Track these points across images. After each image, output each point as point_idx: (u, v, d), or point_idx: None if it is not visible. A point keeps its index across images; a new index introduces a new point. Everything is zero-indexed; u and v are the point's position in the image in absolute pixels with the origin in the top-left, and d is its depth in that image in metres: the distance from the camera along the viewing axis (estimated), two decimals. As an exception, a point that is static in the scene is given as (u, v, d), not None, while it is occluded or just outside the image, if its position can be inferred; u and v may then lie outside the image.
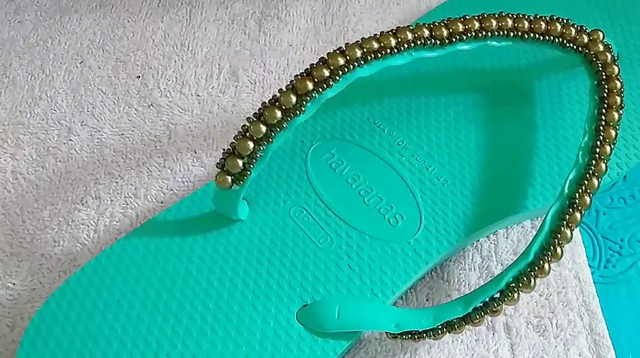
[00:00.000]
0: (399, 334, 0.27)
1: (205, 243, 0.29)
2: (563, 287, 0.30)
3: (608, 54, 0.29)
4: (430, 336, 0.27)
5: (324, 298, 0.28)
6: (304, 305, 0.28)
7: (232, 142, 0.26)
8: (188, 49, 0.40)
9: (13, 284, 0.31)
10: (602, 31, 0.29)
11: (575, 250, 0.31)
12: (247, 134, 0.26)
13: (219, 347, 0.26)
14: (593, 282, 0.31)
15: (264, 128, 0.25)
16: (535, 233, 0.28)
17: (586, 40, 0.29)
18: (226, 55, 0.39)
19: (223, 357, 0.26)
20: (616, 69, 0.29)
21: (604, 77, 0.29)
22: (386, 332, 0.27)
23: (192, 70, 0.39)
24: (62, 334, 0.27)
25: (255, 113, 0.26)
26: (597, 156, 0.28)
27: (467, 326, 0.27)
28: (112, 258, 0.29)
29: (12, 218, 0.33)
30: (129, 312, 0.27)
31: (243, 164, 0.26)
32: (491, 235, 0.32)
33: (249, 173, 0.26)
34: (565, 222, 0.27)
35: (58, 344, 0.26)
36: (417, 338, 0.27)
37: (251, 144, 0.26)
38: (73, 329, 0.27)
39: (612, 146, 0.28)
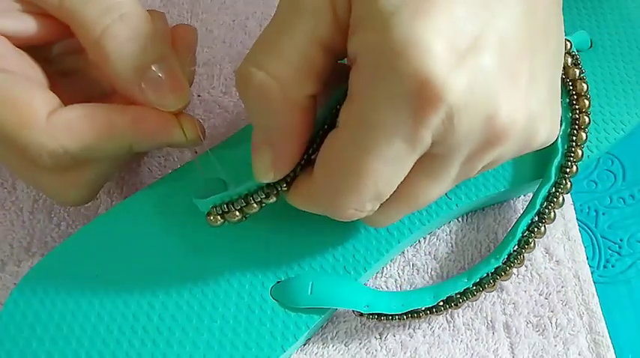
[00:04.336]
0: (366, 314, 0.28)
1: (182, 218, 0.29)
2: (562, 287, 0.30)
3: (569, 57, 0.30)
4: (395, 319, 0.28)
5: (297, 275, 0.28)
6: (278, 282, 0.28)
7: (239, 203, 0.26)
8: (188, 50, 0.40)
9: (14, 284, 0.31)
10: (569, 40, 0.30)
11: (574, 249, 0.31)
12: (260, 201, 0.26)
13: (194, 320, 0.27)
14: (593, 282, 0.31)
15: (275, 199, 0.26)
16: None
17: None
18: (227, 55, 0.39)
19: (198, 330, 0.27)
20: (584, 86, 0.30)
21: (575, 96, 0.30)
22: (353, 310, 0.28)
23: (192, 71, 0.39)
24: (41, 308, 0.27)
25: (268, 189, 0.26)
26: (574, 143, 0.30)
27: (431, 315, 0.28)
28: (92, 234, 0.29)
29: (12, 217, 0.33)
30: (106, 287, 0.28)
31: (243, 216, 0.27)
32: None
33: (245, 219, 0.27)
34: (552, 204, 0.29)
35: (36, 318, 0.27)
36: (384, 319, 0.28)
37: (257, 208, 0.26)
38: (52, 303, 0.27)
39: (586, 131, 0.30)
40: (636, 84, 0.33)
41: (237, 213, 0.26)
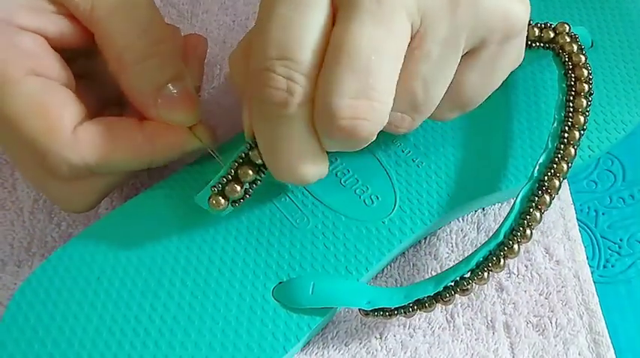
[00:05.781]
0: (370, 311, 0.28)
1: (184, 220, 0.29)
2: (562, 286, 0.30)
3: (574, 44, 0.30)
4: (401, 314, 0.27)
5: (299, 276, 0.28)
6: (280, 283, 0.28)
7: (233, 166, 0.26)
8: (188, 50, 0.40)
9: (15, 284, 0.31)
10: (567, 24, 0.30)
11: (574, 249, 0.31)
12: (247, 156, 0.26)
13: (196, 321, 0.27)
14: (593, 282, 0.31)
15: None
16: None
17: (552, 35, 0.30)
18: (227, 55, 0.39)
19: (200, 332, 0.27)
20: (582, 57, 0.30)
21: (571, 66, 0.30)
22: (359, 309, 0.28)
23: (192, 71, 0.39)
24: (43, 310, 0.27)
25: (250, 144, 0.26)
26: (566, 141, 0.29)
27: (437, 304, 0.27)
28: (94, 237, 0.29)
29: (12, 217, 0.33)
30: (108, 289, 0.28)
31: (245, 190, 0.27)
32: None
33: (248, 196, 0.27)
34: (534, 204, 0.28)
35: (38, 320, 0.27)
36: (389, 315, 0.28)
37: (251, 172, 0.26)
38: (54, 305, 0.27)
39: (582, 131, 0.29)
40: (636, 84, 0.34)
41: (236, 185, 0.26)
